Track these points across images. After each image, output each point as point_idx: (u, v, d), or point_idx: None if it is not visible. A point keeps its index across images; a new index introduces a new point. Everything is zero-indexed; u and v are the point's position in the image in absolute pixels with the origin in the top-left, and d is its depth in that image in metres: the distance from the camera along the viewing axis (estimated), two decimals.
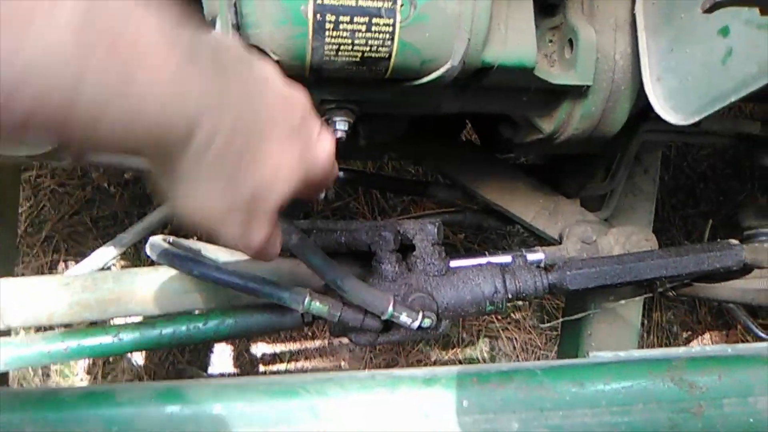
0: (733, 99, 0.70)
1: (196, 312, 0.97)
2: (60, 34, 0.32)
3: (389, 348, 2.07)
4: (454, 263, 0.96)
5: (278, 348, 2.03)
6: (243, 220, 0.50)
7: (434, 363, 2.08)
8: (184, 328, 0.92)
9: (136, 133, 0.38)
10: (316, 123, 0.55)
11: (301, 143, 0.51)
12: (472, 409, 0.66)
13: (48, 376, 1.91)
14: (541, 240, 1.19)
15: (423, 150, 1.23)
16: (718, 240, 1.05)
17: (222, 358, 2.00)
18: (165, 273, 1.00)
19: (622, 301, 1.26)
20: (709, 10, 0.53)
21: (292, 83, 0.54)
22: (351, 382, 0.68)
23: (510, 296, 0.91)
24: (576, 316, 1.29)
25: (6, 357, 0.91)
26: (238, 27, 0.65)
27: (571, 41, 0.85)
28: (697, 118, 0.75)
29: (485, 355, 2.11)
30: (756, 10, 0.55)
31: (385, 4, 0.67)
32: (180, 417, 0.64)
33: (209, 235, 0.51)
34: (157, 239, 0.88)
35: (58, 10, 0.32)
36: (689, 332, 2.21)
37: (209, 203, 0.47)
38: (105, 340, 0.92)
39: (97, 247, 1.15)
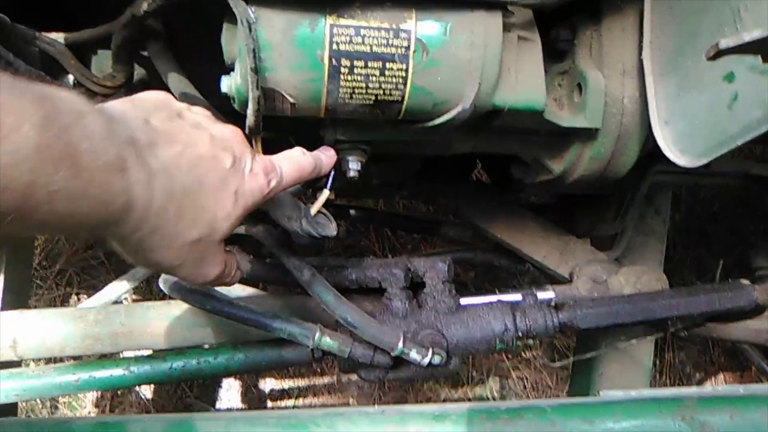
0: (739, 142, 0.71)
1: (206, 346, 0.98)
2: (22, 139, 0.39)
3: (398, 385, 2.05)
4: (464, 301, 0.97)
5: (286, 384, 2.03)
6: (192, 262, 0.56)
7: (444, 401, 2.06)
8: (194, 362, 0.93)
9: (81, 213, 0.45)
10: (248, 157, 0.60)
11: (236, 182, 0.58)
12: None
13: (56, 408, 1.91)
14: (552, 279, 1.19)
15: (435, 189, 1.24)
16: (730, 280, 1.05)
17: (230, 393, 2.00)
18: (177, 307, 1.01)
19: (634, 341, 1.25)
20: (713, 58, 0.54)
21: (225, 122, 0.61)
22: (361, 417, 0.69)
23: (520, 335, 0.91)
24: (587, 356, 1.28)
25: (18, 387, 0.92)
26: (256, 71, 0.67)
27: (579, 85, 0.87)
28: (705, 161, 0.76)
29: (495, 394, 2.09)
30: (759, 57, 0.57)
31: (399, 51, 0.70)
32: None
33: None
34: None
35: (24, 119, 0.40)
36: (702, 373, 2.18)
37: (156, 259, 0.54)
38: (116, 372, 0.93)
39: (110, 281, 1.16)
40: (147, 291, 1.86)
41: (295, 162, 0.68)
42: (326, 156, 0.74)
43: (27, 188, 0.40)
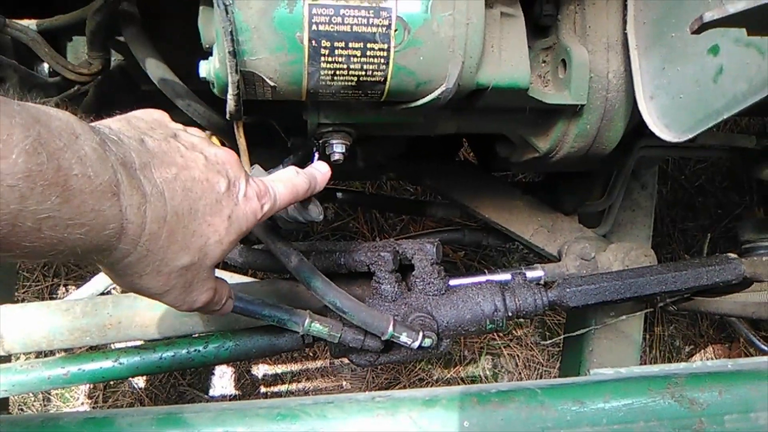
0: (725, 116, 0.71)
1: (196, 335, 0.97)
2: (10, 166, 0.38)
3: (391, 367, 2.06)
4: (453, 282, 0.97)
5: (279, 369, 2.03)
6: (181, 289, 0.55)
7: (436, 381, 2.07)
8: (184, 351, 0.92)
9: (71, 240, 0.43)
10: (242, 181, 0.59)
11: (230, 207, 0.56)
12: (473, 429, 0.66)
13: (48, 400, 1.91)
14: (541, 257, 1.19)
15: (421, 170, 1.23)
16: (717, 254, 1.06)
17: (223, 380, 2.00)
18: None
19: (623, 317, 1.26)
20: (698, 31, 0.54)
21: (220, 147, 0.59)
22: (351, 405, 0.68)
23: (510, 314, 0.91)
24: (577, 333, 1.29)
25: (6, 383, 0.91)
26: (235, 54, 0.65)
27: (564, 61, 0.86)
28: (690, 135, 0.76)
29: (488, 372, 2.11)
30: (743, 29, 0.56)
31: (380, 30, 0.68)
32: None
33: None
34: None
35: (12, 145, 0.38)
36: (692, 346, 2.20)
37: (146, 283, 0.53)
38: (105, 364, 0.92)
39: (98, 271, 1.15)
40: None
41: (289, 183, 0.66)
42: (321, 173, 0.72)
43: (14, 217, 0.39)
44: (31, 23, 0.82)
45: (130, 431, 0.65)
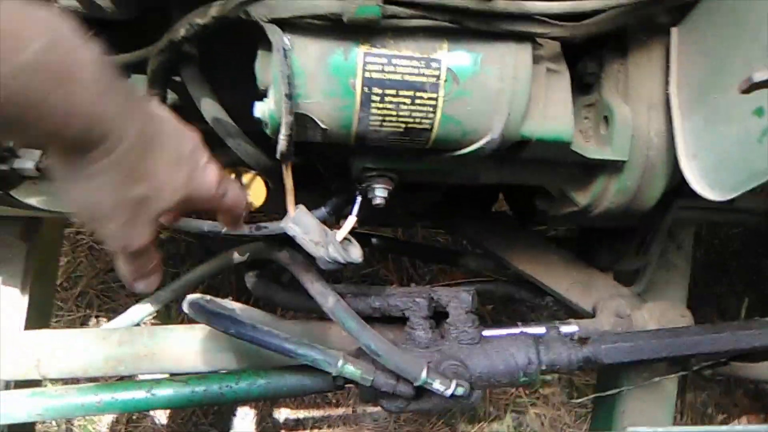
0: None
1: (228, 371, 0.98)
2: (29, 54, 0.44)
3: (413, 419, 2.03)
4: (487, 332, 0.96)
5: (302, 414, 2.01)
6: (126, 220, 0.57)
7: None
8: (216, 387, 0.93)
9: (67, 123, 0.49)
10: (204, 156, 0.63)
11: (189, 168, 0.60)
12: None
13: (71, 431, 1.91)
14: (573, 313, 1.18)
15: (457, 220, 1.24)
16: (756, 318, 1.04)
17: (245, 421, 1.98)
18: (199, 331, 1.01)
19: (657, 379, 1.23)
20: (747, 91, 0.55)
21: (186, 125, 0.64)
22: None
23: (543, 368, 0.91)
24: (609, 393, 1.26)
25: (40, 407, 0.92)
26: (291, 96, 0.68)
27: (606, 118, 0.87)
28: (733, 195, 0.76)
29: (512, 430, 2.06)
30: None
31: (430, 80, 0.71)
32: None
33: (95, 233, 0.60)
34: (195, 297, 0.90)
35: (31, 39, 0.45)
36: (725, 415, 2.13)
37: (98, 199, 0.55)
38: (138, 395, 0.92)
39: (130, 304, 1.17)
40: (166, 316, 1.87)
41: (236, 190, 0.69)
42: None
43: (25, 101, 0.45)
44: None
45: None
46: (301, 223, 0.81)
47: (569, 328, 1.05)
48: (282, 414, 2.00)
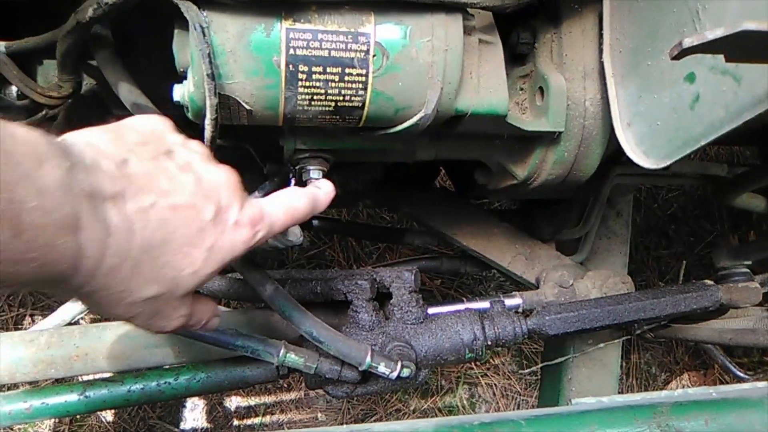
0: (703, 143, 0.71)
1: (167, 367, 0.94)
2: None
3: (367, 398, 2.03)
4: (432, 310, 0.95)
5: (253, 401, 1.98)
6: (148, 315, 0.52)
7: (413, 412, 2.03)
8: (154, 384, 0.89)
9: (21, 273, 0.41)
10: (236, 207, 0.54)
11: (214, 236, 0.52)
12: None
13: None
14: (518, 284, 1.18)
15: (398, 197, 1.22)
16: (694, 281, 1.06)
17: (194, 412, 1.94)
18: (134, 327, 0.97)
19: (602, 345, 1.25)
20: (677, 57, 0.54)
21: (218, 164, 0.56)
22: None
23: (489, 343, 0.90)
24: (555, 361, 1.28)
25: None
26: (213, 77, 0.64)
27: (541, 89, 0.86)
28: (668, 162, 0.76)
29: (465, 402, 2.08)
30: (720, 57, 0.56)
31: (358, 55, 0.68)
32: None
33: None
34: None
35: None
36: (668, 373, 2.20)
37: (109, 311, 0.50)
38: (71, 398, 0.88)
39: (65, 300, 1.11)
40: None
41: (288, 207, 0.60)
42: (324, 193, 0.67)
43: None
44: None
45: None
46: None
47: (513, 301, 1.05)
48: (233, 402, 1.97)
